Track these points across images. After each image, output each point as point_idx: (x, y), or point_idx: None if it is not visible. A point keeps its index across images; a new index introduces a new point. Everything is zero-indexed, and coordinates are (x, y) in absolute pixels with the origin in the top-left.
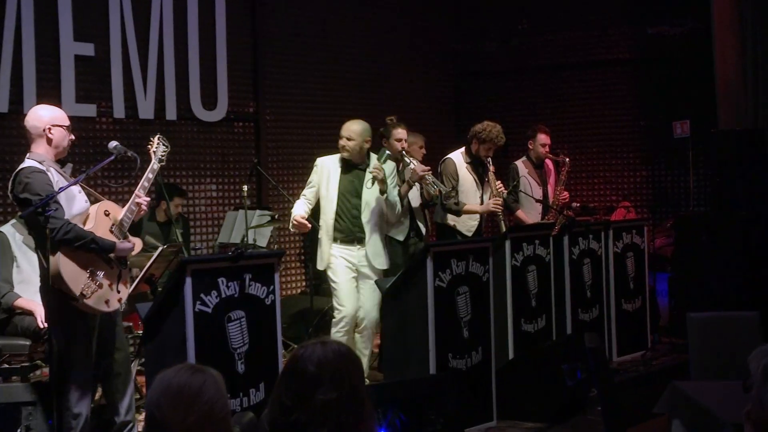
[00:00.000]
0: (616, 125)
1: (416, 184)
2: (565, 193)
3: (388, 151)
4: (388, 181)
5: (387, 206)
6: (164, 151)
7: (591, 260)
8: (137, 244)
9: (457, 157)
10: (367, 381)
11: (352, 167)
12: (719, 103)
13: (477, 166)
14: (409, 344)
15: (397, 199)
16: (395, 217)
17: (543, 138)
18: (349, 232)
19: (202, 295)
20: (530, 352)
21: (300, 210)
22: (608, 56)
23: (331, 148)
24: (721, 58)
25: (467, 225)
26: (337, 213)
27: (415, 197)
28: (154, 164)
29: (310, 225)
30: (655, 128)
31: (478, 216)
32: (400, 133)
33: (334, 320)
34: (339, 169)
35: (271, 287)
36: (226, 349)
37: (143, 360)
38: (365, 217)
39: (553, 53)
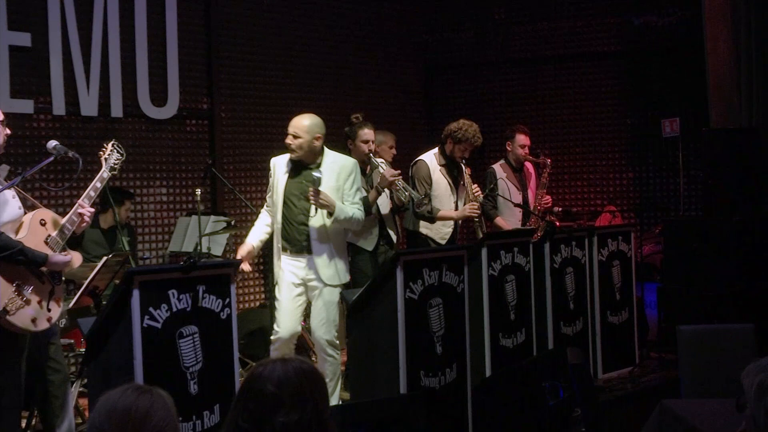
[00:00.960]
0: (601, 124)
1: (385, 189)
2: (547, 197)
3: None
4: (334, 194)
5: (340, 224)
6: (117, 159)
7: (574, 269)
8: (75, 257)
9: (430, 159)
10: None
11: (302, 168)
12: (711, 100)
13: (451, 168)
14: (378, 361)
15: (353, 213)
16: (357, 227)
17: (522, 139)
18: (296, 241)
19: (150, 309)
20: (509, 369)
21: (250, 239)
22: (591, 48)
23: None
24: (712, 51)
25: (441, 232)
26: (283, 220)
27: (384, 203)
28: (104, 172)
29: (248, 267)
30: (642, 127)
31: (452, 222)
32: (367, 134)
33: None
34: (287, 171)
35: (227, 300)
36: (178, 367)
37: (86, 381)
38: (313, 223)
39: (532, 45)
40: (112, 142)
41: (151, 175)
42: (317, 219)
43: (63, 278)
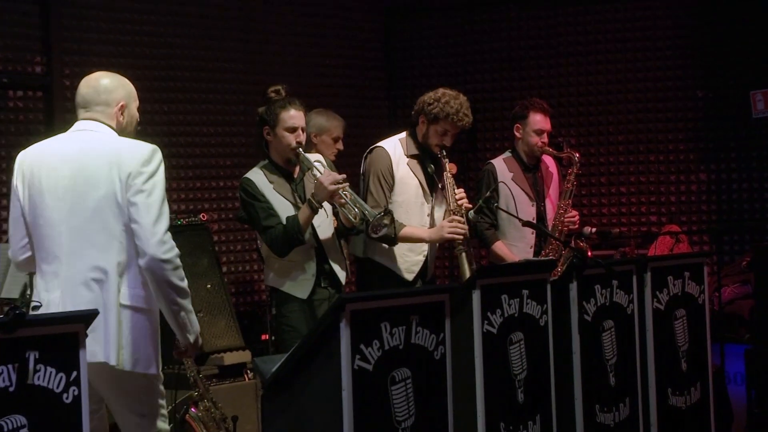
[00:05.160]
0: (656, 98)
1: (324, 204)
2: (573, 211)
3: None
4: None
5: None
6: None
7: (616, 323)
8: None
9: (393, 146)
10: None
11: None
12: None
13: (427, 162)
14: None
15: None
16: None
17: (539, 120)
18: None
19: None
20: None
21: None
22: None
23: (178, 131)
24: None
25: (407, 261)
26: None
27: (325, 225)
28: None
29: None
30: (720, 102)
31: (425, 247)
32: (294, 117)
33: None
34: None
35: (74, 375)
36: None
37: None
38: None
39: None
40: None
41: None
42: None
43: None
